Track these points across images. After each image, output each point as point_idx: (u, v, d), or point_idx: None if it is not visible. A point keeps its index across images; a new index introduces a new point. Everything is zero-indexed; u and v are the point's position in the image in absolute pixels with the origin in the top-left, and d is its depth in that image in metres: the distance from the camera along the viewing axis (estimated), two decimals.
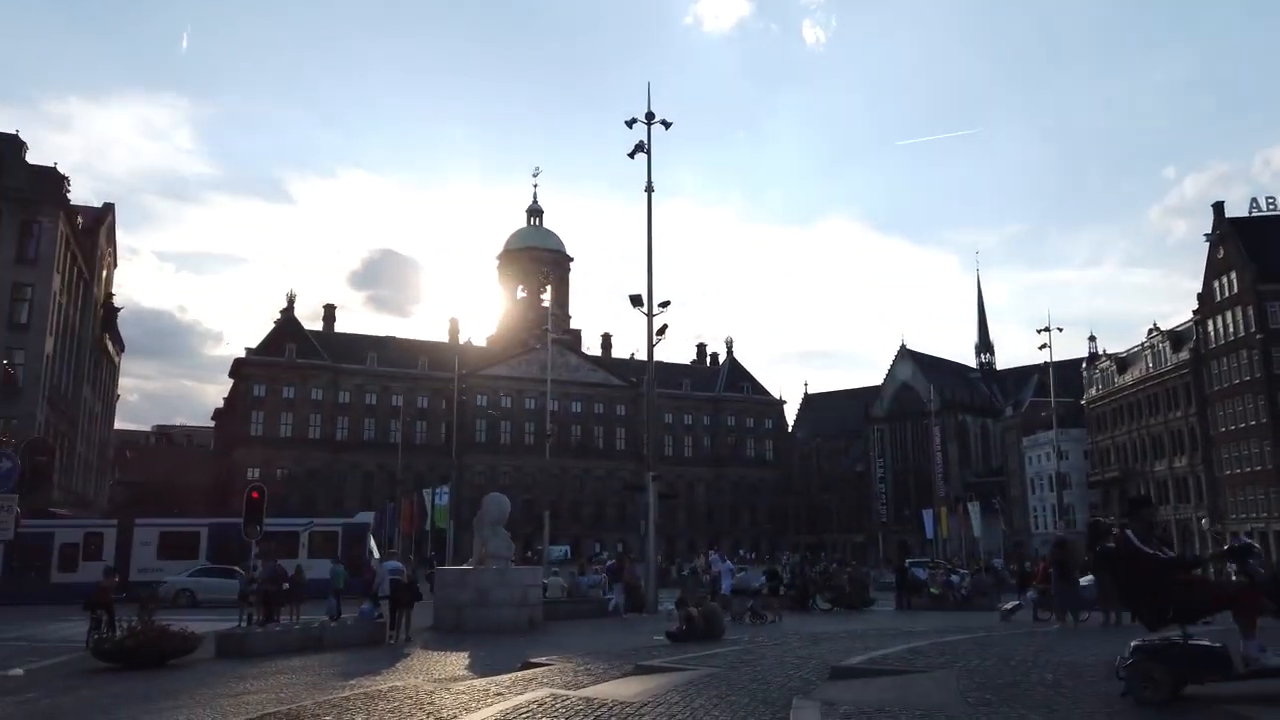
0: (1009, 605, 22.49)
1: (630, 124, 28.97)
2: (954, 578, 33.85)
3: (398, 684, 10.45)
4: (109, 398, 77.53)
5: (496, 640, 18.01)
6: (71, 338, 56.97)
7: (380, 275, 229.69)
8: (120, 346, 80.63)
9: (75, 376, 59.32)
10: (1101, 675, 7.96)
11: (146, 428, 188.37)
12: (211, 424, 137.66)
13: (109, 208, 67.42)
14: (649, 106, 29.49)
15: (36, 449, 47.34)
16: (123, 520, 40.76)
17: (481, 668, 12.92)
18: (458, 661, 14.11)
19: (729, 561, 29.70)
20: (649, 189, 29.62)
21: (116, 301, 70.52)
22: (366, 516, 41.99)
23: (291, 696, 10.45)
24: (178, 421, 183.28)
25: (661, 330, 28.60)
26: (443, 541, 64.86)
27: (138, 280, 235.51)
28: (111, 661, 14.09)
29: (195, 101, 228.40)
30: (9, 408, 47.60)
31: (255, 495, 23.55)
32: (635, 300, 28.34)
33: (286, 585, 21.77)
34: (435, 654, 15.46)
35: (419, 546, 69.63)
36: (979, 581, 34.89)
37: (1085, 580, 16.97)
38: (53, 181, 51.53)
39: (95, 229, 62.52)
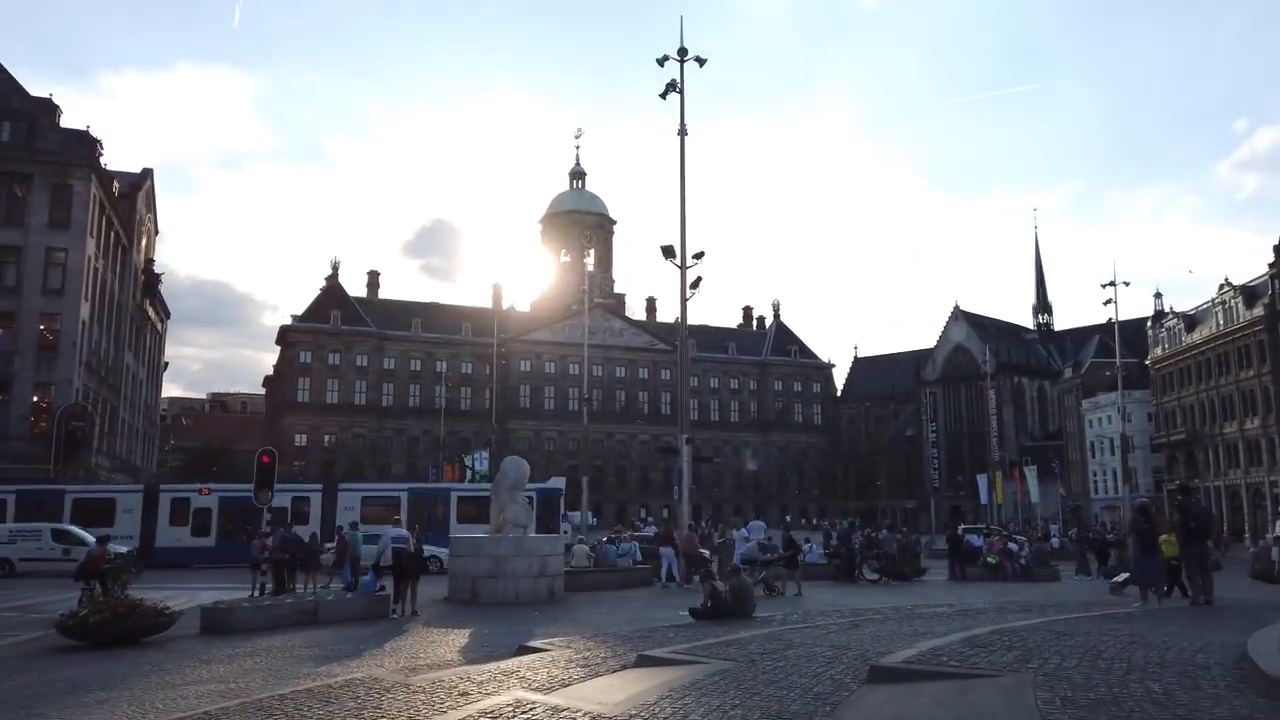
0: (1121, 578, 20.41)
1: (662, 62, 26.96)
2: (1012, 545, 31.70)
3: (359, 676, 8.96)
4: (155, 365, 77.83)
5: (509, 614, 16.58)
6: (110, 304, 56.73)
7: (433, 244, 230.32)
8: (165, 313, 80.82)
9: (116, 343, 59.23)
10: (1225, 682, 6.12)
11: (203, 395, 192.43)
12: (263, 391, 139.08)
13: (147, 173, 67.01)
14: (681, 42, 27.42)
15: (73, 415, 47.49)
16: (327, 485, 40.70)
17: (473, 652, 11.42)
18: (452, 643, 12.65)
19: (744, 529, 27.51)
20: (681, 132, 27.58)
21: (170, 270, 70.70)
22: (559, 482, 41.19)
23: (242, 689, 9.05)
24: (235, 390, 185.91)
25: (695, 283, 26.67)
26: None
27: (195, 251, 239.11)
28: (77, 639, 12.90)
29: (249, 73, 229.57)
30: (46, 373, 47.44)
31: (265, 460, 22.40)
32: (667, 251, 26.44)
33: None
34: (435, 632, 14.02)
35: None
36: (1040, 550, 32.74)
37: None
38: (85, 144, 50.93)
39: (133, 195, 62.13)
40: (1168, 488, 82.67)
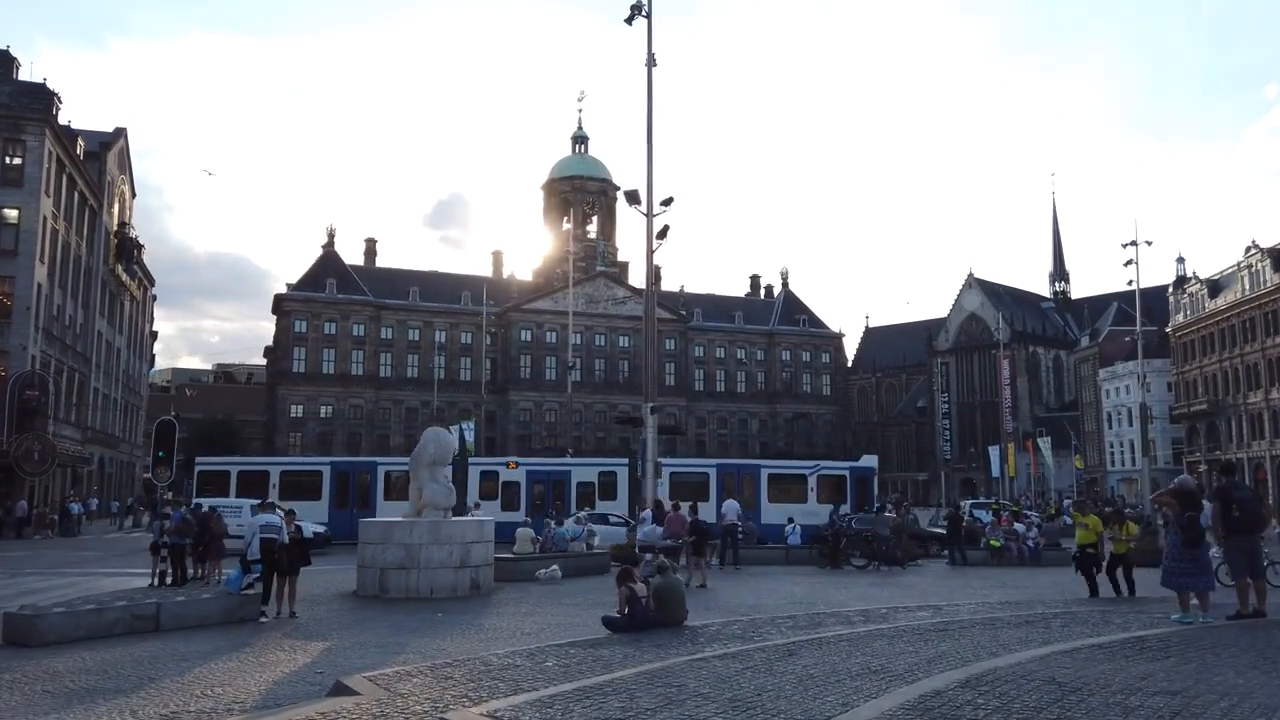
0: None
1: None
2: (1019, 526, 28.71)
3: None
4: (138, 334, 75.42)
5: (410, 615, 13.89)
6: (77, 268, 54.16)
7: (452, 215, 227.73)
8: (149, 281, 78.29)
9: (86, 310, 56.76)
10: None
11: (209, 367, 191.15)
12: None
13: (120, 133, 64.14)
14: None
15: (27, 384, 44.95)
16: (632, 461, 38.96)
17: (286, 689, 8.70)
18: (281, 667, 9.91)
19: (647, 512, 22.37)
20: (649, 63, 24.46)
21: (189, 245, 68.03)
22: (871, 460, 38.87)
23: None
24: (254, 362, 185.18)
25: (663, 232, 23.67)
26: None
27: (213, 225, 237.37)
28: None
29: (254, 40, 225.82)
30: None
31: (166, 427, 19.57)
32: (631, 197, 23.47)
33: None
34: (283, 646, 11.30)
35: None
36: (1050, 530, 29.75)
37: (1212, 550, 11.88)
38: (40, 97, 48.11)
39: (103, 154, 59.32)
40: (1187, 459, 79.38)
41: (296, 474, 36.27)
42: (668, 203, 23.69)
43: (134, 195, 69.37)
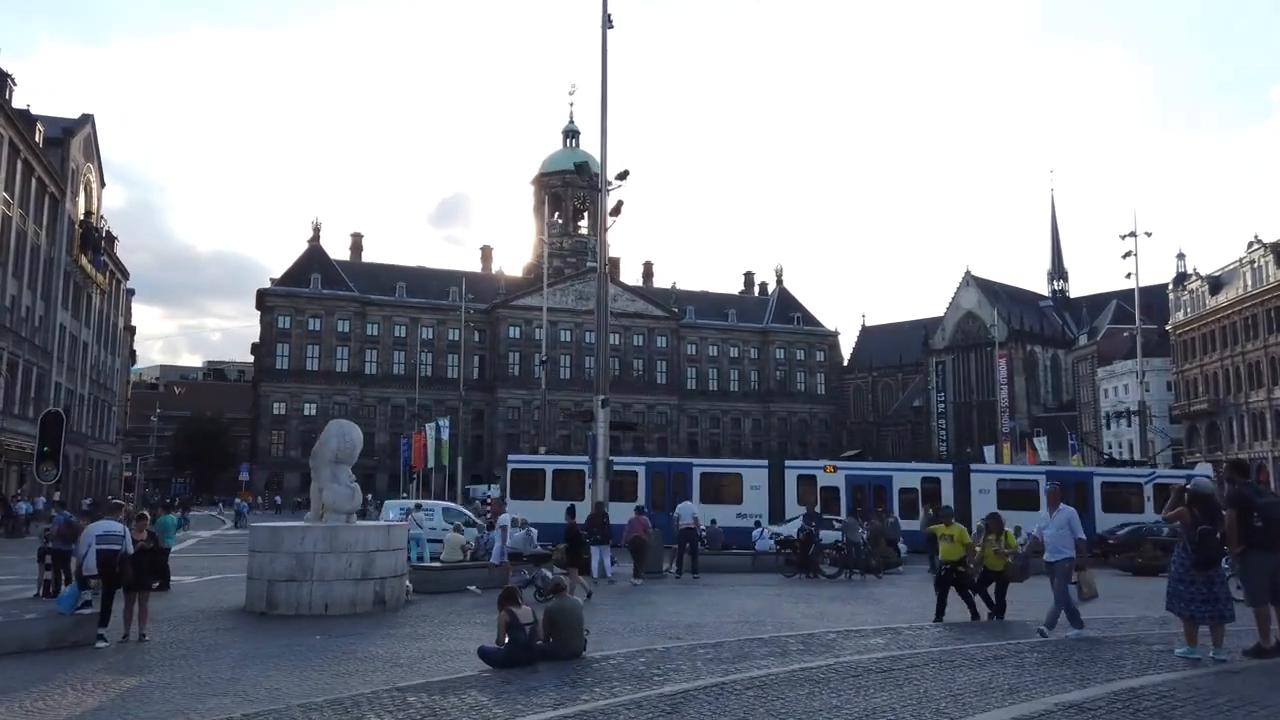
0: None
1: None
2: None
3: None
4: (109, 329, 73.25)
5: (275, 638, 11.86)
6: (34, 258, 52.08)
7: (456, 214, 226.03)
8: (122, 274, 76.22)
9: (46, 301, 54.70)
10: None
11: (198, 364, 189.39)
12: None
13: (86, 119, 62.11)
14: None
15: None
16: (958, 466, 37.93)
17: None
18: (55, 713, 7.88)
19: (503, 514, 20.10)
20: (605, 25, 22.38)
21: (192, 244, 65.88)
22: (1206, 470, 36.49)
23: None
24: (246, 359, 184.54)
25: (616, 209, 21.62)
26: (454, 483, 59.45)
27: (218, 223, 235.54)
28: None
29: (252, 34, 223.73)
30: None
31: (52, 419, 17.56)
32: (581, 169, 21.49)
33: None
34: (95, 680, 9.35)
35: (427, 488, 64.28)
36: (1038, 539, 27.63)
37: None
38: None
39: (65, 141, 57.22)
40: (1187, 460, 77.32)
41: (619, 473, 34.15)
42: (623, 176, 21.64)
43: (103, 185, 67.22)
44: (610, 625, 13.25)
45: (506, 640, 9.19)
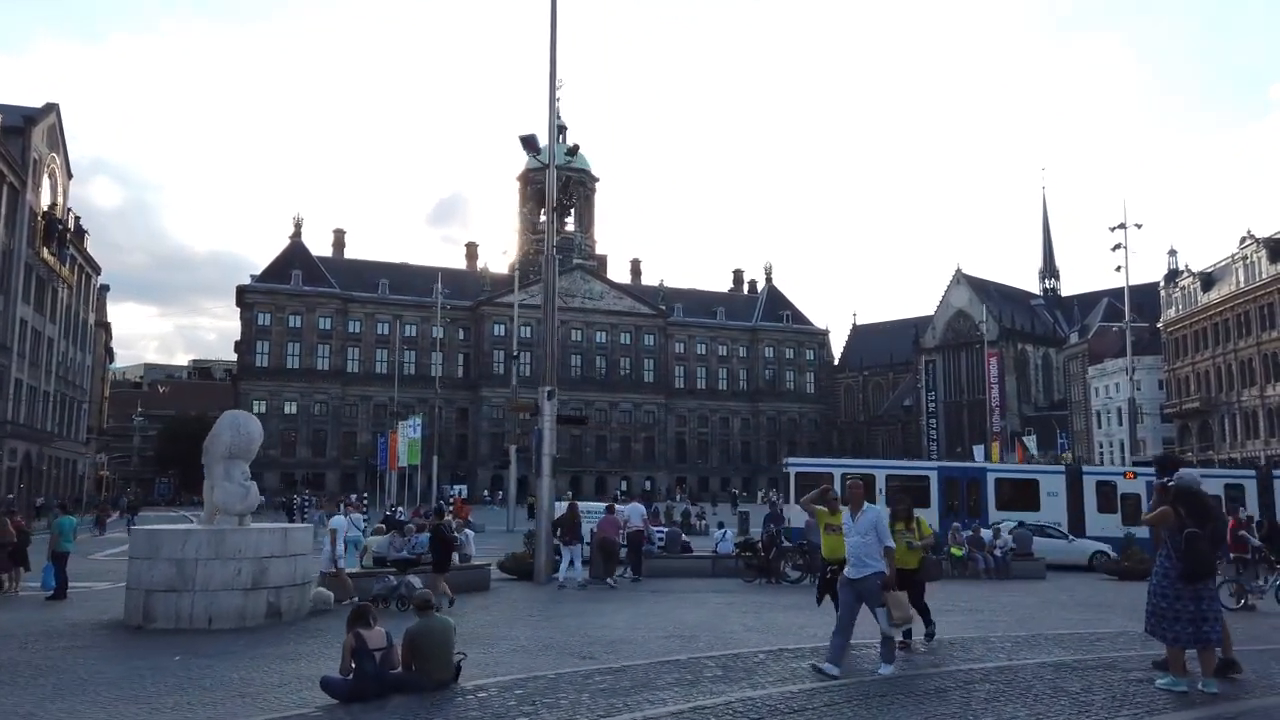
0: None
1: None
2: (986, 532, 25.28)
3: None
4: (77, 324, 71.43)
5: (128, 659, 10.37)
6: None
7: (453, 214, 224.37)
8: (93, 268, 74.50)
9: (4, 294, 53.00)
10: None
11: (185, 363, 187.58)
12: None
13: (51, 108, 60.36)
14: None
15: None
16: (1262, 472, 35.92)
17: None
18: None
19: (354, 512, 19.59)
20: None
21: (188, 245, 64.20)
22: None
23: None
24: (231, 357, 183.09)
25: (565, 188, 20.13)
26: (430, 485, 57.86)
27: (214, 223, 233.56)
28: None
29: (247, 29, 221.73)
30: None
31: None
32: (528, 143, 20.00)
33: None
34: None
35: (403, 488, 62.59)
36: (1023, 537, 26.22)
37: None
38: None
39: (27, 130, 55.55)
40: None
41: (902, 479, 32.71)
42: (572, 152, 20.17)
43: (70, 176, 65.52)
44: (523, 642, 11.80)
45: (353, 668, 7.70)
